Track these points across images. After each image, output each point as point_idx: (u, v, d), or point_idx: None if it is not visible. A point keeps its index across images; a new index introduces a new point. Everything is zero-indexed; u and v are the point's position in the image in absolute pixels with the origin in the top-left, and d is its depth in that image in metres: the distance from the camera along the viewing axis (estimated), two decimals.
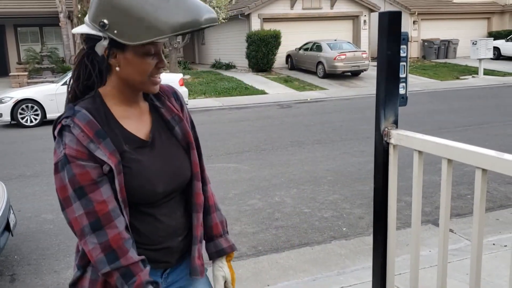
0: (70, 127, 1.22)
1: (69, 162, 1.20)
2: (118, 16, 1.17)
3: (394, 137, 1.60)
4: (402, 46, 1.52)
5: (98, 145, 1.21)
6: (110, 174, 1.23)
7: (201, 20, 1.16)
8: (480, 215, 1.36)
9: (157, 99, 1.39)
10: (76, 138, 1.21)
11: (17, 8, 20.34)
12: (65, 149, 1.20)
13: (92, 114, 1.25)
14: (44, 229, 4.73)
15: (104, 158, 1.21)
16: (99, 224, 1.21)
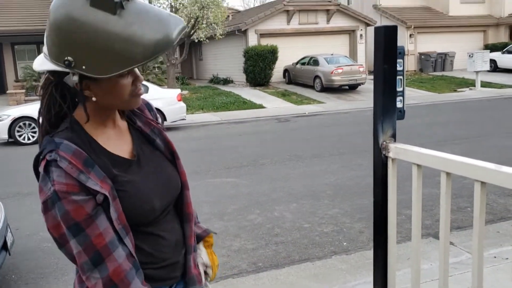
0: (56, 161, 1.13)
1: (60, 198, 1.12)
2: (81, 51, 1.08)
3: (392, 150, 1.59)
4: (399, 60, 1.53)
5: (88, 175, 1.14)
6: (105, 203, 1.16)
7: (173, 37, 1.09)
8: (480, 228, 1.36)
9: (133, 114, 1.35)
10: (65, 172, 1.13)
11: (14, 26, 20.47)
12: (54, 186, 1.12)
13: (75, 143, 1.17)
14: (42, 247, 4.69)
15: (96, 187, 1.14)
16: (99, 258, 1.15)
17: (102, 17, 1.06)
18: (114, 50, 1.06)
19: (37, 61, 1.20)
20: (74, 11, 1.07)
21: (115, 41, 1.06)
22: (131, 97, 1.21)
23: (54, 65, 1.13)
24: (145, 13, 1.09)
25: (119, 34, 1.06)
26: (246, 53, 20.62)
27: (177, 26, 1.10)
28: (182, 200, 1.39)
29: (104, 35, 1.06)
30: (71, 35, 1.08)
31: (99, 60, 1.08)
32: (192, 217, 1.41)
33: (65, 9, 1.08)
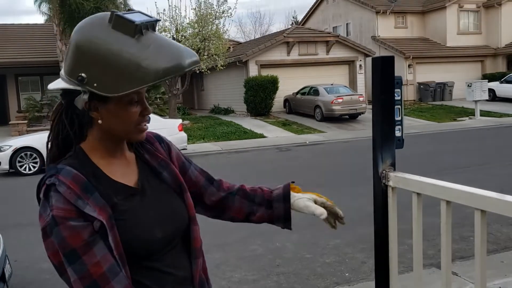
0: (55, 185, 1.13)
1: (58, 224, 1.11)
2: (96, 68, 1.11)
3: (392, 179, 1.59)
4: (396, 90, 1.55)
5: (86, 201, 1.13)
6: (102, 231, 1.13)
7: (184, 64, 1.12)
8: (481, 257, 1.34)
9: (141, 147, 1.34)
10: (63, 197, 1.12)
11: (18, 58, 20.79)
12: (52, 211, 1.12)
13: (76, 168, 1.17)
14: (41, 279, 4.63)
15: (94, 214, 1.12)
16: (96, 286, 1.11)
17: (120, 38, 1.11)
18: (126, 70, 1.10)
19: (53, 82, 1.23)
20: (95, 31, 1.13)
21: (129, 62, 1.09)
22: (135, 128, 1.22)
23: (67, 82, 1.16)
24: (162, 40, 1.15)
25: (133, 55, 1.10)
26: (247, 84, 20.83)
27: (190, 58, 1.14)
28: (189, 235, 1.34)
29: (119, 55, 1.10)
30: (87, 53, 1.12)
31: (110, 78, 1.11)
32: (201, 253, 1.36)
33: (87, 30, 1.15)
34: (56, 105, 1.26)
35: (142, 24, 1.12)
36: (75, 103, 1.20)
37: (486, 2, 27.33)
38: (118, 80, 1.10)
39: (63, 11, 19.53)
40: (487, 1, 27.32)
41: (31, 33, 23.97)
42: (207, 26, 19.13)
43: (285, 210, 1.52)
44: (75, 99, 1.19)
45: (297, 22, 43.97)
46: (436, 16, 27.37)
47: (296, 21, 48.61)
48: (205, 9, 19.41)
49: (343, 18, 29.96)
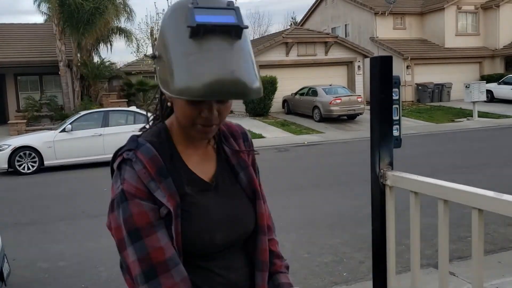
0: (131, 161, 1.09)
1: (127, 199, 1.07)
2: (161, 52, 1.06)
3: (390, 178, 1.60)
4: (394, 89, 1.56)
5: (159, 184, 1.09)
6: (167, 218, 1.09)
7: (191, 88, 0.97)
8: (478, 256, 1.35)
9: (225, 140, 1.27)
10: (137, 175, 1.08)
11: (17, 58, 20.76)
12: (123, 184, 1.08)
13: (156, 148, 1.12)
14: (39, 278, 4.63)
15: (163, 200, 1.08)
16: (154, 273, 1.06)
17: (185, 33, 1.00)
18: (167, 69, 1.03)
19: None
20: (176, 12, 1.04)
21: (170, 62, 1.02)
22: (192, 127, 1.12)
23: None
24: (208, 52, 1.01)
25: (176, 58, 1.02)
26: None
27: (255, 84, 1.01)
28: (255, 245, 1.25)
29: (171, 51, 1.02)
30: (161, 33, 1.06)
31: (166, 68, 1.04)
32: (267, 267, 1.27)
33: (173, 7, 1.07)
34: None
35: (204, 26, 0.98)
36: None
37: (484, 4, 27.37)
38: (166, 74, 1.04)
39: (62, 11, 19.50)
40: (485, 2, 27.36)
41: (30, 32, 23.94)
42: None
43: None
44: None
45: (296, 23, 43.97)
46: (434, 17, 27.41)
47: (295, 22, 48.61)
48: None
49: (342, 19, 29.98)
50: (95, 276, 4.65)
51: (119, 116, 12.85)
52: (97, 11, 19.45)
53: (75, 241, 5.81)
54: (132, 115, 12.64)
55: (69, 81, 20.69)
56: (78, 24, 19.41)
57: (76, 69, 20.95)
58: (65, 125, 12.23)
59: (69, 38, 20.62)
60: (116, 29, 24.95)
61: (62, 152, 11.79)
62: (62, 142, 11.84)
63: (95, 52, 25.62)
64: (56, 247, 5.61)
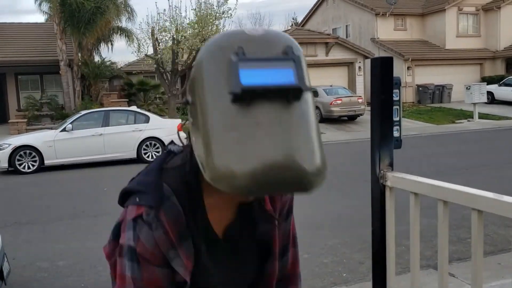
0: (151, 225, 0.94)
1: (139, 262, 0.95)
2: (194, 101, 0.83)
3: (390, 179, 1.60)
4: (395, 90, 1.56)
5: (178, 251, 0.96)
6: (179, 285, 1.00)
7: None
8: (478, 257, 1.36)
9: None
10: (155, 241, 0.94)
11: (18, 57, 20.78)
12: (137, 244, 0.94)
13: (181, 202, 0.96)
14: (38, 277, 4.63)
15: (180, 270, 0.97)
16: None
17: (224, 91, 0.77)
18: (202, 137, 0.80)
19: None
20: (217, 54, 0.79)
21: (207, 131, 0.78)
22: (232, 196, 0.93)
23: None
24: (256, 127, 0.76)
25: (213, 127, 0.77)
26: None
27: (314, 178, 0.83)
28: None
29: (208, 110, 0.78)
30: (195, 73, 0.82)
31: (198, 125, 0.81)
32: None
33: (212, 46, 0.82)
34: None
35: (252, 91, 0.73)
36: None
37: (485, 5, 27.37)
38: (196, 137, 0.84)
39: (63, 11, 19.50)
40: (486, 4, 27.36)
41: (31, 32, 23.94)
42: (207, 26, 19.11)
43: None
44: None
45: (297, 24, 43.98)
46: (435, 19, 27.41)
47: (296, 22, 48.63)
48: (205, 10, 19.39)
49: (342, 20, 29.99)
50: (95, 275, 4.65)
51: (120, 115, 12.86)
52: (98, 10, 19.45)
53: (75, 240, 5.81)
54: (132, 115, 12.63)
55: (70, 81, 20.69)
56: (79, 23, 19.41)
57: (76, 68, 20.95)
58: (66, 124, 12.23)
59: (70, 38, 20.62)
60: (117, 28, 24.95)
61: (62, 151, 11.80)
62: (62, 142, 11.84)
63: (96, 52, 25.64)
64: (56, 246, 5.61)
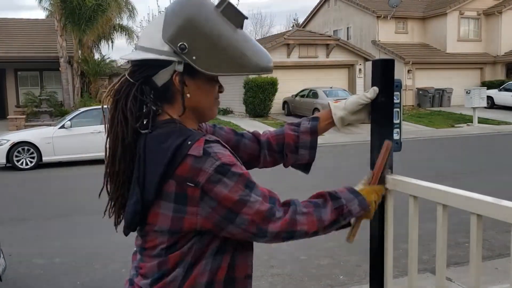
0: (217, 141, 1.17)
1: (231, 165, 1.13)
2: (201, 43, 1.14)
3: (389, 182, 1.59)
4: (396, 93, 1.55)
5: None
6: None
7: (270, 66, 1.22)
8: (476, 262, 1.34)
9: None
10: (225, 147, 1.18)
11: (18, 53, 20.76)
12: (220, 159, 1.13)
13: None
14: (34, 274, 4.62)
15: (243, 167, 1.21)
16: (277, 199, 1.19)
17: (225, 24, 1.17)
18: (231, 54, 1.16)
19: (130, 54, 1.25)
20: (207, 9, 1.17)
21: (235, 48, 1.16)
22: (214, 104, 1.27)
23: (156, 52, 1.16)
24: (253, 40, 1.25)
25: (239, 43, 1.17)
26: (246, 85, 20.84)
27: (272, 61, 1.24)
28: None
29: (227, 38, 1.16)
30: (197, 26, 1.15)
31: (213, 57, 1.15)
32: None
33: (201, 5, 1.18)
34: (119, 83, 1.22)
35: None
36: (154, 79, 1.19)
37: (486, 10, 27.41)
38: (220, 61, 1.15)
39: (64, 7, 19.49)
40: (488, 8, 27.40)
41: (31, 28, 23.92)
42: None
43: (309, 157, 1.53)
44: (159, 72, 1.18)
45: (298, 25, 43.98)
46: (436, 22, 27.44)
47: (297, 23, 48.61)
48: None
49: (344, 21, 30.01)
50: (91, 273, 4.64)
51: None
52: (100, 8, 19.44)
53: (71, 238, 5.80)
54: None
55: (69, 78, 20.68)
56: (79, 20, 19.40)
57: (76, 65, 20.94)
58: (65, 121, 12.21)
59: (70, 35, 20.62)
60: (117, 26, 24.93)
61: (60, 148, 11.78)
62: (61, 139, 11.82)
63: (96, 49, 25.63)
64: (53, 243, 5.60)
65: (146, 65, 1.19)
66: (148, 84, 1.20)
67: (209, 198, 1.12)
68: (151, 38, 1.18)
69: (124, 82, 1.21)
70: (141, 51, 1.20)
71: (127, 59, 1.24)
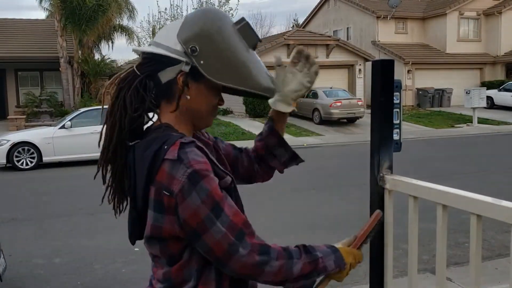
0: (192, 143, 1.15)
1: (202, 177, 1.10)
2: (212, 51, 1.19)
3: (389, 182, 1.60)
4: (395, 93, 1.55)
5: (213, 157, 1.20)
6: (230, 187, 1.20)
7: (272, 88, 1.27)
8: (476, 262, 1.35)
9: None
10: (201, 151, 1.14)
11: (18, 53, 20.74)
12: (192, 167, 1.09)
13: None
14: (34, 274, 4.62)
15: (226, 169, 1.21)
16: (242, 234, 1.12)
17: (240, 42, 1.23)
18: (238, 68, 1.21)
19: (143, 47, 1.29)
20: (225, 21, 1.24)
21: (243, 63, 1.22)
22: (213, 110, 1.29)
23: (166, 49, 1.20)
24: (261, 62, 1.30)
25: (248, 60, 1.23)
26: None
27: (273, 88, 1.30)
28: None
29: (238, 53, 1.21)
30: (213, 33, 1.20)
31: (221, 66, 1.19)
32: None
33: (220, 16, 1.26)
34: (126, 72, 1.25)
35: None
36: (159, 74, 1.22)
37: (486, 10, 27.40)
38: (227, 71, 1.20)
39: (64, 7, 19.48)
40: (488, 9, 27.39)
41: (32, 28, 23.92)
42: None
43: (287, 152, 1.57)
44: (162, 71, 1.21)
45: (298, 25, 43.98)
46: (436, 23, 27.44)
47: (297, 23, 48.62)
48: None
49: (344, 22, 30.00)
50: (91, 273, 4.64)
51: None
52: (100, 8, 19.43)
53: (71, 238, 5.80)
54: None
55: (70, 78, 20.67)
56: (80, 21, 19.40)
57: (76, 65, 20.93)
58: (65, 121, 12.21)
59: (71, 35, 20.61)
60: (118, 26, 24.93)
61: (61, 148, 11.78)
62: (61, 139, 11.82)
63: (96, 49, 25.61)
64: (53, 243, 5.60)
65: (155, 60, 1.22)
66: (152, 79, 1.22)
67: (179, 210, 1.11)
68: (167, 36, 1.24)
69: (131, 72, 1.24)
70: (155, 46, 1.24)
71: (139, 51, 1.27)
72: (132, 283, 4.39)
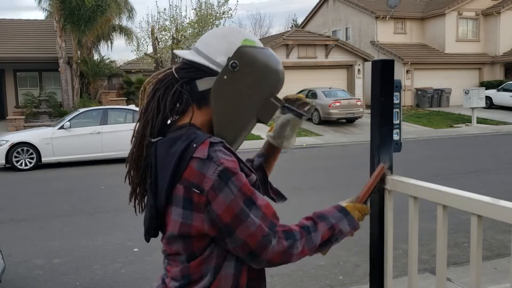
0: (221, 142, 1.17)
1: (234, 174, 1.13)
2: (249, 74, 1.23)
3: (389, 182, 1.60)
4: (395, 93, 1.55)
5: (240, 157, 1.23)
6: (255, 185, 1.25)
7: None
8: (477, 261, 1.35)
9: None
10: (229, 150, 1.17)
11: (17, 54, 20.72)
12: (222, 165, 1.12)
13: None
14: (33, 275, 4.62)
15: (250, 169, 1.24)
16: (274, 226, 1.18)
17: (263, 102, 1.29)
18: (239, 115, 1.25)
19: (185, 52, 1.29)
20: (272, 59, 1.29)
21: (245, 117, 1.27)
22: (241, 136, 1.33)
23: (208, 60, 1.23)
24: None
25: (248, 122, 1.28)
26: None
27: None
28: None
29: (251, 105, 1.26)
30: (255, 60, 1.24)
31: (252, 93, 1.24)
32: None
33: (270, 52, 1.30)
34: (164, 74, 1.27)
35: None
36: (197, 82, 1.23)
37: (485, 10, 27.42)
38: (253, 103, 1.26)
39: (63, 8, 19.47)
40: (486, 9, 27.41)
41: (31, 29, 23.89)
42: (207, 26, 19.12)
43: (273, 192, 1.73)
44: (200, 79, 1.23)
45: (297, 25, 43.99)
46: (435, 23, 27.45)
47: (296, 24, 48.64)
48: (206, 10, 19.41)
49: (342, 22, 30.01)
50: (90, 274, 4.64)
51: (118, 114, 12.83)
52: (99, 8, 19.42)
53: (71, 238, 5.79)
54: (130, 113, 12.61)
55: (69, 78, 20.65)
56: (79, 21, 19.39)
57: (75, 66, 20.92)
58: (64, 122, 12.20)
59: (70, 35, 20.59)
60: (117, 27, 24.93)
61: (60, 149, 11.77)
62: (60, 139, 11.81)
63: (95, 50, 25.61)
64: (52, 244, 5.59)
65: (195, 68, 1.24)
66: (189, 84, 1.24)
67: (212, 207, 1.12)
68: (210, 45, 1.25)
69: (169, 75, 1.26)
70: (196, 53, 1.25)
71: (181, 56, 1.28)
72: (131, 284, 4.39)
